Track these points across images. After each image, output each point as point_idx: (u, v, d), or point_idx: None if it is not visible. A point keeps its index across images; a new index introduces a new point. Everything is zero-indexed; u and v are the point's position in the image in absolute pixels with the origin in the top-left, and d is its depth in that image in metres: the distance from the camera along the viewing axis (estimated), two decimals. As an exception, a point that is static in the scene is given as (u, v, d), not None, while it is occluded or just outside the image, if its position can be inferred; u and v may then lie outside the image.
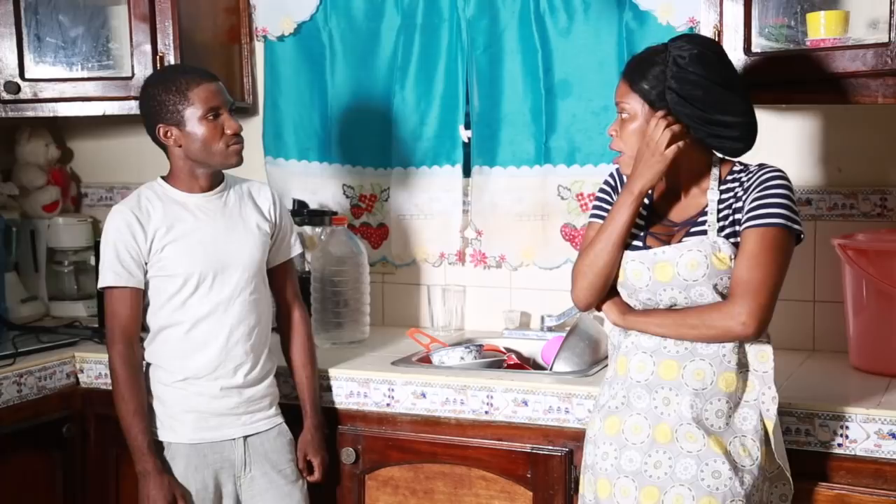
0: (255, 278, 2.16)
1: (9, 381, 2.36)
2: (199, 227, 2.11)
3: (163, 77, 2.12)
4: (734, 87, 1.77)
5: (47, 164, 3.16)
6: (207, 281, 2.09)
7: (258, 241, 2.16)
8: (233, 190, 2.17)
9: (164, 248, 2.08)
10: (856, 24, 2.10)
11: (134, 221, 2.08)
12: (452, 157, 2.77)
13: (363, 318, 2.65)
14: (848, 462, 1.90)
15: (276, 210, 2.22)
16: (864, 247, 2.16)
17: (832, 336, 2.37)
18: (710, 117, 1.75)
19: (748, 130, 1.79)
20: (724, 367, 1.75)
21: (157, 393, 2.13)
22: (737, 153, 1.81)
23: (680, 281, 1.76)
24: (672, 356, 1.77)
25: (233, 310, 2.12)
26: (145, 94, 2.11)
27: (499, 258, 2.77)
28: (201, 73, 2.11)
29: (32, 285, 3.07)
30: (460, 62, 2.73)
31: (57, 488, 2.52)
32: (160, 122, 2.07)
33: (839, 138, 2.41)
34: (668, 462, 1.73)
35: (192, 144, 2.07)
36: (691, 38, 1.80)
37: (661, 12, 2.49)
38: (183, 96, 2.04)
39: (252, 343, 2.15)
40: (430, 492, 2.25)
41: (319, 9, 2.83)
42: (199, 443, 2.10)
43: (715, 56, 1.77)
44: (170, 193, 2.13)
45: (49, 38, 2.75)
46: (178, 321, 2.11)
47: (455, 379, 2.23)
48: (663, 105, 1.76)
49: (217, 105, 2.07)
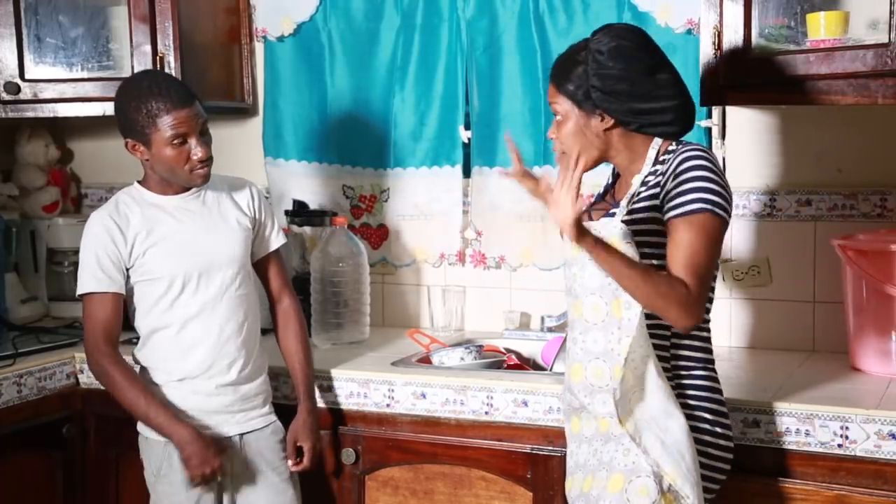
0: (240, 274, 2.16)
1: (9, 381, 2.36)
2: (179, 229, 2.10)
3: (136, 94, 2.04)
4: (660, 71, 1.76)
5: (47, 164, 3.16)
6: (193, 281, 2.10)
7: (239, 236, 2.16)
8: (209, 188, 2.16)
9: (145, 252, 2.08)
10: (856, 24, 2.10)
11: (113, 226, 2.07)
12: (452, 157, 2.77)
13: (363, 318, 2.65)
14: (848, 462, 1.90)
15: (254, 203, 2.22)
16: (864, 247, 2.16)
17: (832, 336, 2.37)
18: (639, 107, 1.75)
19: (682, 111, 1.78)
20: (616, 361, 1.73)
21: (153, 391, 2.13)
22: (676, 136, 1.80)
23: (581, 258, 1.75)
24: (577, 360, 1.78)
25: (221, 307, 2.12)
26: (118, 105, 2.07)
27: (498, 259, 2.77)
28: (175, 98, 2.03)
29: (32, 286, 3.07)
30: (460, 62, 2.73)
31: (57, 488, 2.52)
32: (129, 136, 2.07)
33: (839, 139, 2.41)
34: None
35: (157, 164, 2.06)
36: (609, 31, 1.79)
37: (660, 13, 2.49)
38: (152, 120, 2.01)
39: (243, 338, 2.15)
40: (430, 492, 2.25)
41: (319, 9, 2.84)
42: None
43: (633, 45, 1.76)
44: (146, 197, 2.12)
45: (49, 39, 2.75)
46: (168, 323, 2.10)
47: (455, 379, 2.23)
48: (592, 103, 1.76)
49: (185, 132, 2.02)
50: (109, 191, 3.24)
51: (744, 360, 2.34)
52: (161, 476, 2.11)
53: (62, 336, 2.68)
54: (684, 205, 1.69)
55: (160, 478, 2.11)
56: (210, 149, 2.08)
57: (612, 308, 1.73)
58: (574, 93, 1.77)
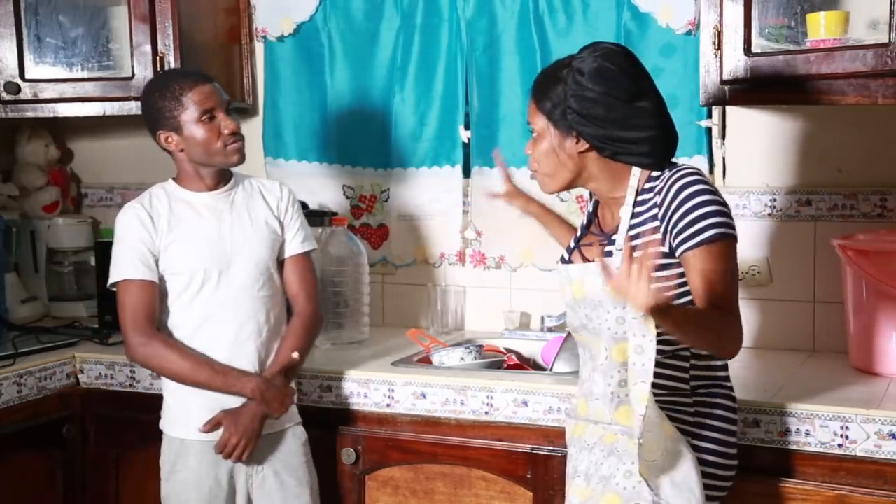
0: (264, 275, 2.16)
1: (9, 381, 2.36)
2: (202, 225, 2.12)
3: (158, 84, 2.14)
4: (641, 99, 1.69)
5: (47, 164, 3.16)
6: (213, 278, 2.10)
7: (265, 237, 2.17)
8: (241, 187, 2.19)
9: (168, 246, 2.09)
10: (856, 24, 2.10)
11: (146, 216, 2.10)
12: (452, 157, 2.77)
13: (363, 318, 2.65)
14: (848, 462, 1.90)
15: (282, 205, 2.22)
16: (864, 247, 2.16)
17: (832, 336, 2.37)
18: (614, 134, 1.68)
19: (660, 143, 1.71)
20: (618, 402, 1.71)
21: (170, 389, 2.14)
22: (650, 168, 1.73)
23: (589, 300, 1.72)
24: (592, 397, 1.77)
25: (241, 306, 2.12)
26: (144, 102, 2.14)
27: (498, 259, 2.77)
28: (195, 76, 2.12)
29: (32, 286, 3.07)
30: (460, 63, 2.73)
31: (57, 488, 2.52)
32: (160, 128, 2.10)
33: (839, 139, 2.41)
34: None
35: (191, 148, 2.09)
36: (594, 49, 1.72)
37: (660, 14, 2.49)
38: (178, 101, 2.06)
39: (263, 340, 2.15)
40: (431, 492, 2.25)
41: (319, 9, 2.84)
42: (213, 440, 2.10)
43: (617, 68, 1.68)
44: (177, 193, 2.14)
45: (49, 39, 2.75)
46: (187, 320, 2.11)
47: (455, 379, 2.23)
48: (566, 124, 1.70)
49: (211, 106, 2.08)
50: (109, 191, 3.24)
51: (744, 360, 2.34)
52: (174, 472, 2.12)
53: (62, 336, 2.68)
54: (698, 234, 1.65)
55: (173, 474, 2.12)
56: (239, 125, 2.11)
57: (612, 353, 1.71)
58: (551, 111, 1.72)
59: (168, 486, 2.14)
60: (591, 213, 1.88)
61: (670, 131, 1.75)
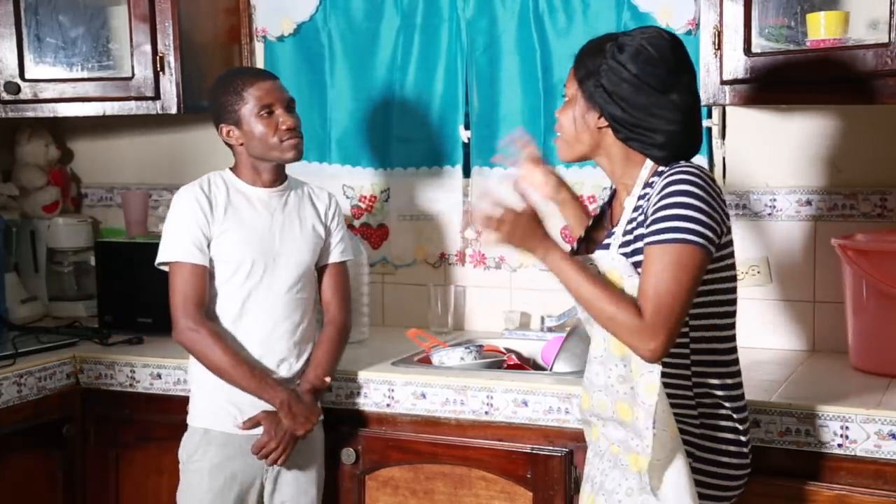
0: (305, 277, 2.19)
1: (9, 381, 2.36)
2: (256, 219, 2.15)
3: (222, 80, 2.19)
4: (672, 91, 1.66)
5: (47, 164, 3.16)
6: (258, 272, 2.13)
7: (311, 241, 2.20)
8: (294, 190, 2.23)
9: (222, 233, 2.12)
10: (856, 24, 2.10)
11: (205, 201, 2.12)
12: (452, 157, 2.77)
13: (363, 318, 2.65)
14: (848, 462, 1.90)
15: (331, 213, 2.27)
16: (864, 247, 2.16)
17: (832, 336, 2.37)
18: (632, 119, 1.67)
19: (676, 140, 1.68)
20: (617, 397, 1.69)
21: (198, 379, 2.15)
22: (658, 161, 1.69)
23: None
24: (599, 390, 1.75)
25: (280, 304, 2.15)
26: (210, 97, 2.20)
27: (498, 259, 2.77)
28: (256, 72, 2.21)
29: (32, 286, 3.07)
30: (460, 63, 2.73)
31: (57, 488, 2.52)
32: (222, 122, 2.15)
33: (839, 139, 2.41)
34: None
35: (250, 142, 2.13)
36: (643, 32, 1.70)
37: (660, 14, 2.49)
38: (238, 96, 2.12)
39: (296, 339, 2.18)
40: (431, 492, 2.25)
41: (319, 9, 2.84)
42: (237, 433, 2.11)
43: (658, 55, 1.66)
44: (235, 183, 2.17)
45: (49, 39, 2.75)
46: (227, 309, 2.14)
47: (455, 379, 2.23)
48: (593, 98, 1.70)
49: (270, 102, 2.12)
50: (109, 191, 3.24)
51: (744, 360, 2.32)
52: (192, 461, 2.13)
53: (62, 336, 2.67)
54: (659, 233, 1.59)
55: (191, 462, 2.14)
56: (299, 122, 2.15)
57: (609, 345, 1.69)
58: (584, 80, 1.72)
59: (186, 475, 2.15)
60: (606, 205, 1.87)
61: (693, 132, 1.72)
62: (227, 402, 2.12)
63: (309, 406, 2.13)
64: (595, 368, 1.74)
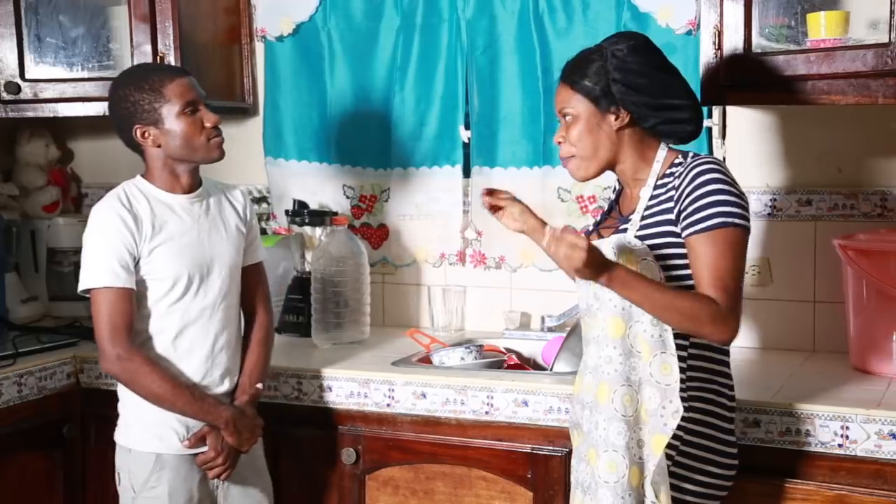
0: (235, 282, 2.13)
1: (9, 381, 2.36)
2: (185, 229, 2.05)
3: (133, 77, 2.05)
4: (673, 73, 1.81)
5: (47, 164, 3.16)
6: (194, 285, 2.04)
7: (237, 243, 2.13)
8: (210, 192, 2.13)
9: (153, 250, 2.01)
10: (856, 24, 2.10)
11: (129, 217, 1.99)
12: (452, 157, 2.77)
13: (363, 318, 2.65)
14: (848, 462, 1.90)
15: (248, 211, 2.20)
16: (864, 247, 2.16)
17: (832, 336, 2.37)
18: (659, 102, 1.76)
19: (696, 112, 1.81)
20: (598, 379, 1.75)
21: (142, 404, 2.04)
22: (688, 137, 1.82)
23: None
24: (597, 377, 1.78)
25: (217, 315, 2.08)
26: (116, 96, 2.04)
27: (498, 259, 2.77)
28: (172, 70, 2.08)
29: (33, 285, 3.07)
30: (460, 62, 2.73)
31: (57, 488, 2.52)
32: (136, 122, 2.01)
33: (839, 139, 2.41)
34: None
35: (172, 142, 2.01)
36: (623, 35, 1.85)
37: (660, 14, 2.48)
38: (158, 94, 1.99)
39: (234, 349, 2.12)
40: (431, 492, 2.25)
41: (319, 9, 2.83)
42: (187, 454, 2.06)
43: (649, 47, 1.81)
44: (153, 193, 2.05)
45: (49, 39, 2.75)
46: (163, 328, 2.04)
47: (455, 379, 2.23)
48: (609, 100, 1.76)
49: (194, 99, 2.01)
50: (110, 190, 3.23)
51: (744, 360, 2.34)
52: (147, 489, 2.05)
53: (62, 336, 2.67)
54: (703, 221, 1.69)
55: (145, 490, 2.06)
56: (220, 120, 2.05)
57: (608, 326, 1.73)
58: (592, 89, 1.77)
59: (141, 502, 2.07)
60: (613, 202, 1.92)
61: (699, 104, 1.83)
62: (174, 420, 2.04)
63: (252, 419, 2.08)
64: (590, 350, 1.80)
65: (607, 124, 1.78)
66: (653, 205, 1.76)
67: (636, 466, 1.72)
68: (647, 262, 1.71)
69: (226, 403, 2.07)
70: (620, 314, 1.72)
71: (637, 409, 1.72)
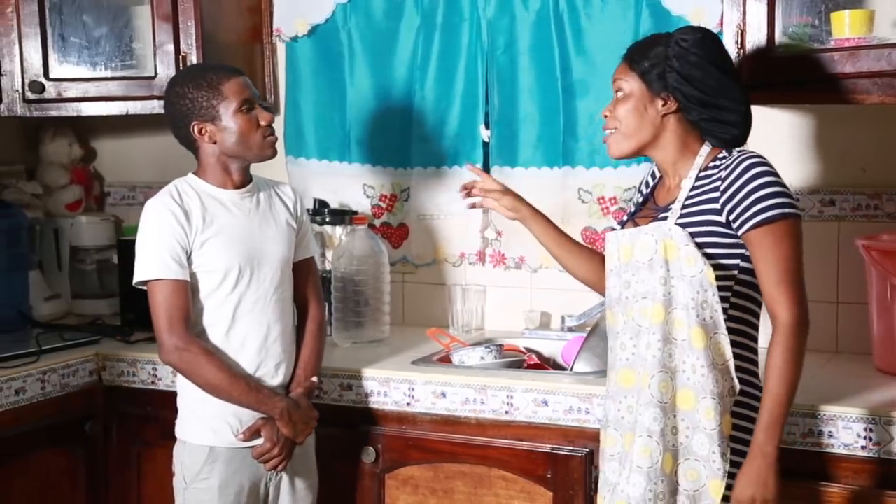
0: (286, 276, 2.16)
1: (32, 378, 2.38)
2: (235, 223, 2.10)
3: (190, 75, 2.12)
4: (732, 76, 1.81)
5: (70, 163, 3.18)
6: (245, 277, 2.08)
7: (288, 237, 2.17)
8: (260, 188, 2.18)
9: (204, 243, 2.05)
10: (881, 23, 2.08)
11: (179, 212, 2.04)
12: (472, 156, 2.77)
13: (383, 317, 2.65)
14: (871, 465, 1.89)
15: (299, 207, 2.24)
16: (888, 248, 2.15)
17: (856, 338, 2.35)
18: (708, 100, 1.78)
19: (744, 118, 1.81)
20: (657, 369, 1.76)
21: (196, 397, 2.08)
22: (731, 142, 1.81)
23: (634, 263, 1.79)
24: (626, 365, 1.81)
25: (269, 307, 2.11)
26: (174, 93, 2.09)
27: (518, 259, 2.76)
28: (228, 69, 2.11)
29: (56, 283, 3.09)
30: (480, 62, 2.73)
31: (79, 485, 2.54)
32: (194, 119, 2.06)
33: (863, 138, 2.39)
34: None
35: (228, 139, 2.06)
36: (693, 28, 1.88)
37: (689, 15, 2.45)
38: (216, 91, 2.04)
39: (288, 341, 2.15)
40: (450, 491, 2.25)
41: (338, 9, 2.84)
42: (241, 447, 2.08)
43: (716, 44, 1.82)
44: (204, 188, 2.10)
45: (73, 38, 2.77)
46: (217, 320, 2.08)
47: (475, 379, 2.22)
48: (662, 84, 1.78)
49: (249, 97, 2.07)
50: (132, 189, 3.26)
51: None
52: (199, 480, 2.08)
53: (85, 333, 2.69)
54: (760, 213, 1.71)
55: (197, 481, 2.08)
56: (274, 119, 2.11)
57: (652, 312, 1.76)
58: (648, 70, 1.79)
59: (191, 493, 2.10)
60: (648, 194, 1.94)
61: (750, 115, 1.83)
62: (229, 414, 2.07)
63: (306, 411, 2.11)
64: (619, 342, 1.82)
65: (654, 108, 1.80)
66: (694, 194, 1.78)
67: (670, 453, 1.73)
68: (689, 248, 1.73)
69: (281, 394, 2.10)
70: (661, 301, 1.75)
71: (673, 396, 1.74)
